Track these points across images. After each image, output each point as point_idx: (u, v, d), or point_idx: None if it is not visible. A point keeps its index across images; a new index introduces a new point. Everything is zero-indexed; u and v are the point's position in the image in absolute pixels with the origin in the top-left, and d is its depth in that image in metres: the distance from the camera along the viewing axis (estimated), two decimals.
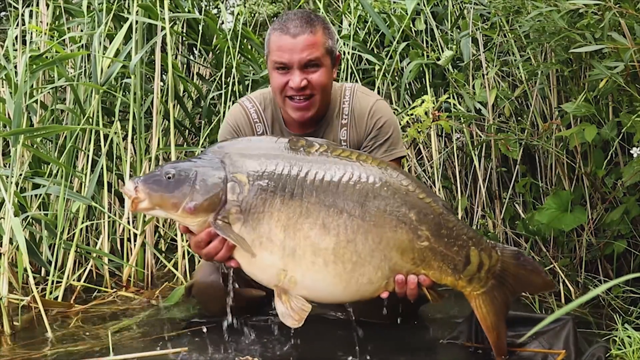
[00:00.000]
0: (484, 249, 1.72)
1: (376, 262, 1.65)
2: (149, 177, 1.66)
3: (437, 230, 1.68)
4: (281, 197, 1.63)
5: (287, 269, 1.64)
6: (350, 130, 2.11)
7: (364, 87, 2.22)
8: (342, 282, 1.65)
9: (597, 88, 2.33)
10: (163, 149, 3.18)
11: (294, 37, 1.95)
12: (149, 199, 1.63)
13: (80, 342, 2.14)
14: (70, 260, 2.71)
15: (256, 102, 2.15)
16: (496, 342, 1.76)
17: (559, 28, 2.27)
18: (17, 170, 2.65)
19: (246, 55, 3.63)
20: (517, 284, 1.76)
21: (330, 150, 1.73)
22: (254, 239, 1.63)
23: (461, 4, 3.44)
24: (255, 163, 1.67)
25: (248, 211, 1.64)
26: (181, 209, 1.63)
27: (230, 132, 2.12)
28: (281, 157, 1.69)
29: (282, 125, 2.13)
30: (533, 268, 1.76)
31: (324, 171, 1.67)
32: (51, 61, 2.95)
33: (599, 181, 2.61)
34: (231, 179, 1.65)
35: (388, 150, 2.11)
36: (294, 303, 1.67)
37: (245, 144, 1.78)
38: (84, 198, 2.79)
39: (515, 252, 1.76)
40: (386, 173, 1.71)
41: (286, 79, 1.97)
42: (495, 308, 1.75)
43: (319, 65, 1.98)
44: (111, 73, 3.02)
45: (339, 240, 1.63)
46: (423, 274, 1.69)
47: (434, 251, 1.68)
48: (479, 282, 1.72)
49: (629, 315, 2.15)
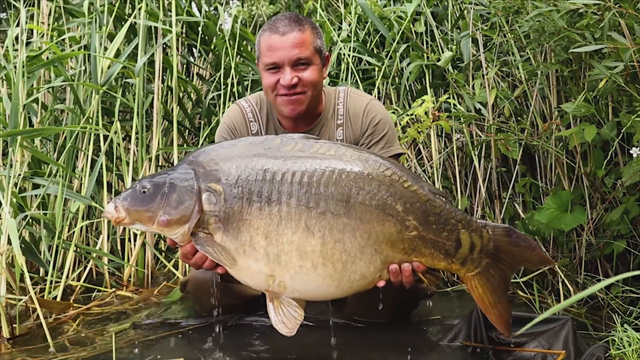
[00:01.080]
0: (474, 230, 1.70)
1: (367, 257, 1.64)
2: (127, 194, 1.67)
3: (425, 218, 1.66)
4: (258, 203, 1.61)
5: (274, 275, 1.62)
6: (346, 130, 2.13)
7: (358, 89, 2.23)
8: (333, 281, 1.63)
9: (597, 88, 2.33)
10: (163, 149, 3.19)
11: (283, 35, 1.97)
12: (128, 215, 1.65)
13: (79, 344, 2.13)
14: (69, 260, 2.71)
15: (252, 102, 2.18)
16: (498, 319, 1.73)
17: (559, 28, 2.27)
18: (16, 171, 2.65)
19: (245, 56, 3.63)
20: (512, 260, 1.73)
21: (308, 147, 1.68)
22: (237, 247, 1.62)
23: (461, 4, 3.44)
24: (229, 170, 1.64)
25: (227, 220, 1.62)
26: (156, 223, 1.64)
27: (227, 131, 2.14)
28: (256, 161, 1.65)
29: (276, 125, 2.15)
30: (527, 244, 1.73)
31: (301, 172, 1.63)
32: (49, 61, 2.96)
33: (599, 181, 2.61)
34: (206, 189, 1.63)
35: (385, 147, 2.12)
36: (285, 310, 1.65)
37: (218, 151, 1.72)
38: (84, 198, 2.79)
39: (507, 229, 1.73)
40: (367, 165, 1.66)
41: (277, 77, 1.98)
42: (492, 287, 1.72)
43: (309, 63, 2.00)
44: (111, 74, 3.03)
45: (326, 242, 1.60)
46: (416, 261, 1.68)
47: (424, 239, 1.67)
48: (473, 263, 1.71)
49: (628, 316, 2.15)
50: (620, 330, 1.88)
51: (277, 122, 2.14)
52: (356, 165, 1.66)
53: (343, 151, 1.68)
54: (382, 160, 1.70)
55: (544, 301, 2.49)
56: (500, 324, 1.74)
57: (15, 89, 2.70)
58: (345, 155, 1.67)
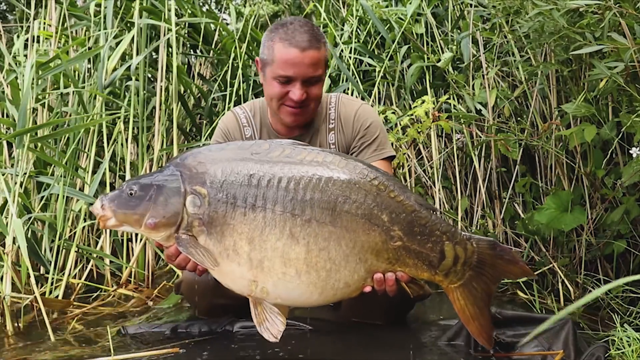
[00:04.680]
0: (458, 243, 1.69)
1: (351, 266, 1.63)
2: (114, 195, 1.66)
3: (410, 229, 1.65)
4: (242, 208, 1.59)
5: (257, 280, 1.61)
6: (337, 134, 2.15)
7: (348, 95, 2.25)
8: (317, 289, 1.62)
9: (597, 88, 2.33)
10: (166, 150, 3.20)
11: (303, 51, 1.96)
12: (115, 217, 1.65)
13: (80, 342, 2.14)
14: (71, 260, 2.72)
15: (247, 109, 2.22)
16: (479, 332, 1.74)
17: (559, 28, 2.27)
18: (22, 170, 2.67)
19: (252, 56, 3.65)
20: (495, 273, 1.73)
21: (295, 154, 1.66)
22: (221, 251, 1.61)
23: (461, 5, 3.45)
24: (215, 174, 1.63)
25: (210, 224, 1.60)
26: (143, 225, 1.64)
27: (221, 135, 2.19)
28: (243, 166, 1.63)
29: (270, 130, 2.18)
30: (510, 258, 1.73)
31: (287, 178, 1.61)
32: (59, 65, 2.97)
33: (599, 181, 2.61)
34: (191, 192, 1.62)
35: (377, 149, 2.13)
36: (268, 316, 1.64)
37: (205, 154, 1.70)
38: (86, 196, 2.81)
39: (491, 243, 1.73)
40: (355, 173, 1.65)
41: (286, 89, 2.00)
42: (473, 299, 1.72)
43: (319, 80, 2.03)
44: (116, 75, 3.04)
45: (310, 249, 1.59)
46: (400, 271, 1.68)
47: (408, 250, 1.66)
48: (456, 275, 1.71)
49: (628, 316, 2.15)
50: (620, 330, 1.89)
51: (271, 128, 2.18)
52: (343, 173, 1.64)
53: (331, 159, 1.67)
54: (369, 169, 1.69)
55: (544, 302, 2.50)
56: (481, 337, 1.75)
57: (26, 92, 2.72)
58: (333, 163, 1.66)
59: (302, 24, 2.03)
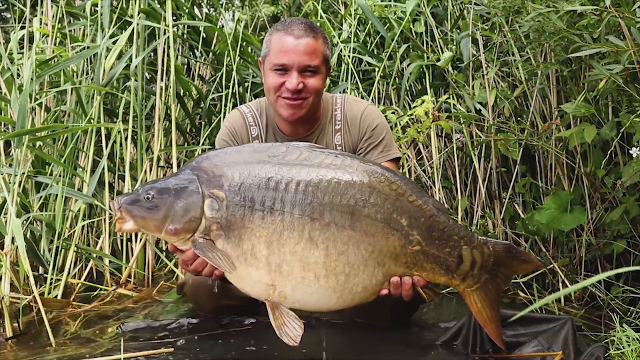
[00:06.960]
0: (476, 247, 1.71)
1: (370, 270, 1.62)
2: (132, 199, 1.64)
3: (429, 233, 1.66)
4: (261, 212, 1.57)
5: (275, 284, 1.60)
6: (344, 135, 2.14)
7: (354, 96, 2.24)
8: (335, 293, 1.62)
9: (597, 88, 2.33)
10: (165, 150, 3.20)
11: (298, 38, 1.97)
12: (134, 222, 1.63)
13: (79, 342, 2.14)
14: (70, 260, 2.72)
15: (253, 108, 2.20)
16: (496, 334, 1.77)
17: (558, 28, 2.27)
18: (21, 170, 2.66)
19: (246, 58, 3.64)
20: (509, 273, 1.78)
21: (313, 157, 1.65)
22: (239, 255, 1.59)
23: (461, 4, 3.44)
24: (232, 177, 1.61)
25: (228, 227, 1.59)
26: (164, 231, 1.63)
27: (227, 134, 2.16)
28: (260, 169, 1.61)
29: (275, 130, 2.16)
30: (525, 258, 1.78)
31: (306, 182, 1.59)
32: (57, 64, 2.97)
33: (599, 181, 2.61)
34: (209, 195, 1.61)
35: (384, 151, 2.13)
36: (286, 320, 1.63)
37: (222, 157, 1.68)
38: (85, 196, 2.80)
39: (507, 246, 1.76)
40: (374, 177, 1.64)
41: (283, 79, 1.99)
42: (489, 301, 1.75)
43: (316, 72, 2.01)
44: (113, 75, 3.04)
45: (329, 253, 1.58)
46: (417, 275, 1.68)
47: (426, 254, 1.67)
48: (473, 279, 1.72)
49: (627, 316, 2.15)
50: (620, 330, 1.89)
51: (277, 127, 2.16)
52: (362, 176, 1.63)
53: (349, 162, 1.66)
54: (388, 172, 1.67)
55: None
56: (498, 337, 1.78)
57: (25, 91, 2.71)
58: (351, 166, 1.65)
59: (301, 19, 2.05)
